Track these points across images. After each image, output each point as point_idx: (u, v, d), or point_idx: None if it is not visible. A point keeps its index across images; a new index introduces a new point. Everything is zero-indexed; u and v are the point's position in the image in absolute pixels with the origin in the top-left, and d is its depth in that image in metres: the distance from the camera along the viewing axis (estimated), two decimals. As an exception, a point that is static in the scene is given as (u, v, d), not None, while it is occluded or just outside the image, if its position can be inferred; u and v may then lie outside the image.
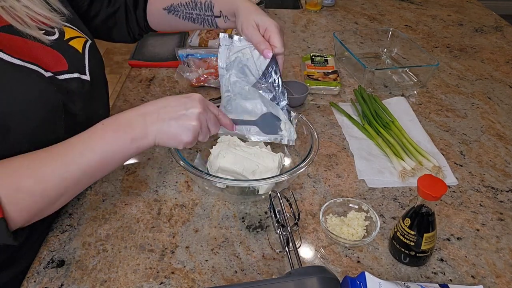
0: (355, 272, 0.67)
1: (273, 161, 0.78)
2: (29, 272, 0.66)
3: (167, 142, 0.63)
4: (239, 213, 0.77)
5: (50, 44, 0.64)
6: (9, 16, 0.59)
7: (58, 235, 0.71)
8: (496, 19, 1.66)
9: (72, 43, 0.68)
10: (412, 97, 1.14)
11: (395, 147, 0.92)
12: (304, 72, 1.19)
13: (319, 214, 0.74)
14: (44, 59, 0.62)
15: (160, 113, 0.62)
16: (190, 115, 0.62)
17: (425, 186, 0.61)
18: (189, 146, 0.64)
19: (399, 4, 1.78)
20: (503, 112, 1.09)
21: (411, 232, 0.65)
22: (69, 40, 0.68)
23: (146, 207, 0.77)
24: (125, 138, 0.60)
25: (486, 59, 1.36)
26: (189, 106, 0.63)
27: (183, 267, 0.67)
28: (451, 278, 0.67)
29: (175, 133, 0.62)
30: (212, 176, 0.72)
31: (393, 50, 1.34)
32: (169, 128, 0.62)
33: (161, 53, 1.27)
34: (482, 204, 0.81)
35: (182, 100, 0.64)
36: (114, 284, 0.64)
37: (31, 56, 0.61)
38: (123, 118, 0.62)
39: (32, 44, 0.62)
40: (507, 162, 0.92)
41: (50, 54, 0.64)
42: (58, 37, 0.66)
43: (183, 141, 0.63)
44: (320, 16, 1.64)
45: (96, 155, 0.59)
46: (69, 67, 0.65)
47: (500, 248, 0.73)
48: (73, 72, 0.66)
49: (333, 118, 1.04)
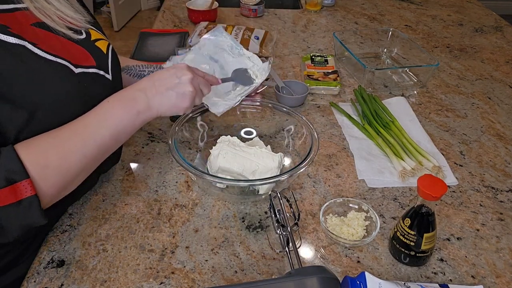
0: (355, 272, 0.67)
1: (273, 161, 0.78)
2: (29, 272, 0.66)
3: (169, 111, 0.70)
4: (239, 213, 0.77)
5: (79, 42, 0.67)
6: (41, 14, 0.62)
7: (58, 235, 0.71)
8: (496, 19, 1.66)
9: (98, 43, 0.70)
10: (412, 97, 1.14)
11: (395, 147, 0.92)
12: (304, 72, 1.19)
13: (319, 214, 0.74)
14: (75, 55, 0.65)
15: (156, 86, 0.68)
16: (184, 82, 0.69)
17: (425, 186, 0.61)
18: (189, 110, 0.71)
19: (399, 4, 1.78)
20: (503, 112, 1.09)
21: (411, 232, 0.65)
22: (95, 41, 0.70)
23: (146, 207, 0.77)
24: (132, 113, 0.66)
25: (486, 59, 1.36)
26: (181, 75, 0.70)
27: (183, 267, 0.67)
28: (451, 278, 0.67)
29: (175, 102, 0.69)
30: (212, 176, 0.72)
31: (393, 50, 1.34)
32: (169, 98, 0.68)
33: (161, 53, 1.27)
34: (482, 204, 0.81)
35: (172, 71, 0.70)
36: (114, 284, 0.64)
37: (62, 51, 0.63)
38: (126, 94, 0.67)
39: (63, 41, 0.64)
40: (507, 162, 0.92)
41: (79, 51, 0.66)
42: (85, 37, 0.69)
43: (183, 107, 0.70)
44: (320, 16, 1.64)
45: (110, 131, 0.64)
46: (97, 64, 0.68)
47: (500, 248, 0.73)
48: (100, 69, 0.68)
49: (333, 118, 1.04)
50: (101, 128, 0.63)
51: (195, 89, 0.70)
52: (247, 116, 0.92)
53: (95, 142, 0.63)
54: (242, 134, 0.92)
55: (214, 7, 1.53)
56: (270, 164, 0.77)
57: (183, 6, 1.62)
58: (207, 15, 1.51)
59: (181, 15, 1.60)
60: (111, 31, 3.52)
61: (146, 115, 0.67)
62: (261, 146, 0.85)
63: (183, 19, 1.57)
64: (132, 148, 0.91)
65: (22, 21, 0.60)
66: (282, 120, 0.92)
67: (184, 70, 0.70)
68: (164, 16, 1.60)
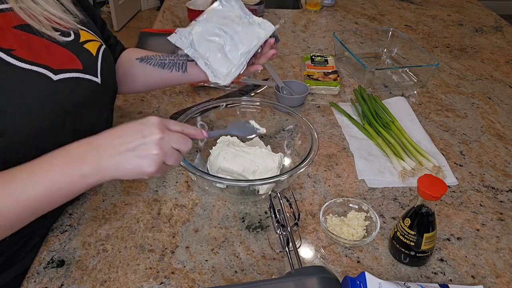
0: (355, 272, 0.67)
1: (273, 161, 0.78)
2: (29, 272, 0.66)
3: (128, 175, 0.58)
4: (239, 213, 0.77)
5: (64, 44, 0.65)
6: (26, 15, 0.60)
7: (58, 235, 0.71)
8: (496, 19, 1.66)
9: (86, 45, 0.68)
10: (412, 97, 1.14)
11: (395, 147, 0.92)
12: (304, 72, 1.19)
13: (319, 214, 0.74)
14: (58, 59, 0.63)
15: (115, 145, 0.57)
16: (148, 142, 0.57)
17: (425, 186, 0.61)
18: (158, 175, 0.59)
19: (399, 4, 1.78)
20: (503, 112, 1.09)
21: (411, 232, 0.65)
22: (84, 43, 0.68)
23: (146, 207, 0.77)
24: (73, 175, 0.56)
25: (486, 59, 1.36)
26: (146, 133, 0.57)
27: (183, 267, 0.67)
28: (451, 278, 0.67)
29: (135, 166, 0.57)
30: (212, 176, 0.72)
31: (393, 50, 1.34)
32: (126, 161, 0.56)
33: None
34: (482, 204, 0.81)
35: (138, 127, 0.58)
36: (114, 284, 0.64)
37: (44, 56, 0.61)
38: (74, 151, 0.57)
39: (47, 44, 0.62)
40: (507, 162, 0.92)
41: (64, 54, 0.64)
42: (73, 38, 0.67)
43: (146, 172, 0.57)
44: (320, 16, 1.64)
45: (39, 191, 0.55)
46: (83, 68, 0.66)
47: (500, 248, 0.73)
48: (86, 73, 0.66)
49: (333, 118, 1.04)
50: (29, 186, 0.54)
51: (163, 152, 0.57)
52: (247, 116, 0.92)
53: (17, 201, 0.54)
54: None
55: (214, 7, 1.52)
56: (270, 164, 0.77)
57: (183, 6, 1.62)
58: (207, 15, 1.51)
59: (181, 15, 1.60)
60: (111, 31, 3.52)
61: (92, 179, 0.56)
62: (261, 146, 0.85)
63: (183, 19, 1.57)
64: (132, 148, 0.91)
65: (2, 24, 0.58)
66: (282, 120, 0.92)
67: (151, 127, 0.58)
68: (164, 16, 1.60)
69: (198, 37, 0.79)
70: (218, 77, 0.76)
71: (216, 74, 0.76)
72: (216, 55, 0.78)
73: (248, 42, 0.78)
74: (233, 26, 0.80)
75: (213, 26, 0.80)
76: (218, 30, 0.79)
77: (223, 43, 0.78)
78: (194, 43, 0.79)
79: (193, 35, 0.79)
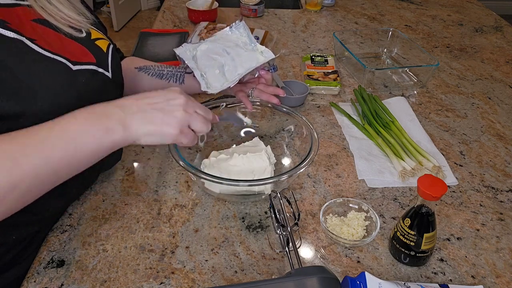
0: (355, 272, 0.67)
1: (263, 160, 0.78)
2: (29, 272, 0.66)
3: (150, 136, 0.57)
4: (239, 213, 0.77)
5: (78, 39, 0.66)
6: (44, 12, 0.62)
7: (58, 235, 0.71)
8: (496, 19, 1.66)
9: (98, 42, 0.70)
10: (412, 97, 1.14)
11: (395, 147, 0.92)
12: (304, 72, 1.19)
13: (319, 214, 0.74)
14: (74, 52, 0.64)
15: (140, 105, 0.56)
16: (173, 104, 0.57)
17: (425, 186, 0.61)
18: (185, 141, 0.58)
19: (399, 4, 1.78)
20: (503, 112, 1.09)
21: (411, 232, 0.65)
22: (95, 40, 0.70)
23: (146, 207, 0.77)
24: (99, 128, 0.53)
25: (486, 59, 1.36)
26: (171, 97, 0.58)
27: (183, 267, 0.67)
28: (451, 278, 0.67)
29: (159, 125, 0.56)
30: (212, 176, 0.72)
31: (393, 50, 1.34)
32: (152, 119, 0.55)
33: (161, 53, 1.27)
34: (482, 204, 0.81)
35: (162, 92, 0.59)
36: (114, 284, 0.64)
37: (61, 49, 0.63)
38: (99, 109, 0.55)
39: (63, 38, 0.64)
40: (507, 162, 0.92)
41: (79, 48, 0.66)
42: (85, 36, 0.68)
43: (169, 133, 0.57)
44: (320, 16, 1.64)
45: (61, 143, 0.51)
46: (96, 61, 0.67)
47: (500, 248, 0.73)
48: (99, 67, 0.68)
49: (333, 118, 1.04)
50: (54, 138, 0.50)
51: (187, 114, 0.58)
52: (247, 116, 0.92)
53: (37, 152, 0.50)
54: (242, 134, 0.92)
55: (214, 7, 1.53)
56: (262, 164, 0.77)
57: (183, 6, 1.62)
58: (207, 15, 1.51)
59: (181, 15, 1.60)
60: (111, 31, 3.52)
61: (118, 135, 0.54)
62: (261, 146, 0.85)
63: (183, 19, 1.57)
64: (132, 148, 0.91)
65: (22, 16, 0.60)
66: (282, 120, 0.92)
67: (176, 93, 0.59)
68: (164, 16, 1.60)
69: (202, 53, 0.82)
70: (210, 88, 0.80)
71: (209, 86, 0.80)
72: (214, 71, 0.81)
73: (247, 65, 0.82)
74: (237, 49, 0.84)
75: (218, 46, 0.84)
76: (221, 51, 0.83)
77: (223, 63, 0.82)
78: (197, 58, 0.82)
79: (197, 51, 0.83)
